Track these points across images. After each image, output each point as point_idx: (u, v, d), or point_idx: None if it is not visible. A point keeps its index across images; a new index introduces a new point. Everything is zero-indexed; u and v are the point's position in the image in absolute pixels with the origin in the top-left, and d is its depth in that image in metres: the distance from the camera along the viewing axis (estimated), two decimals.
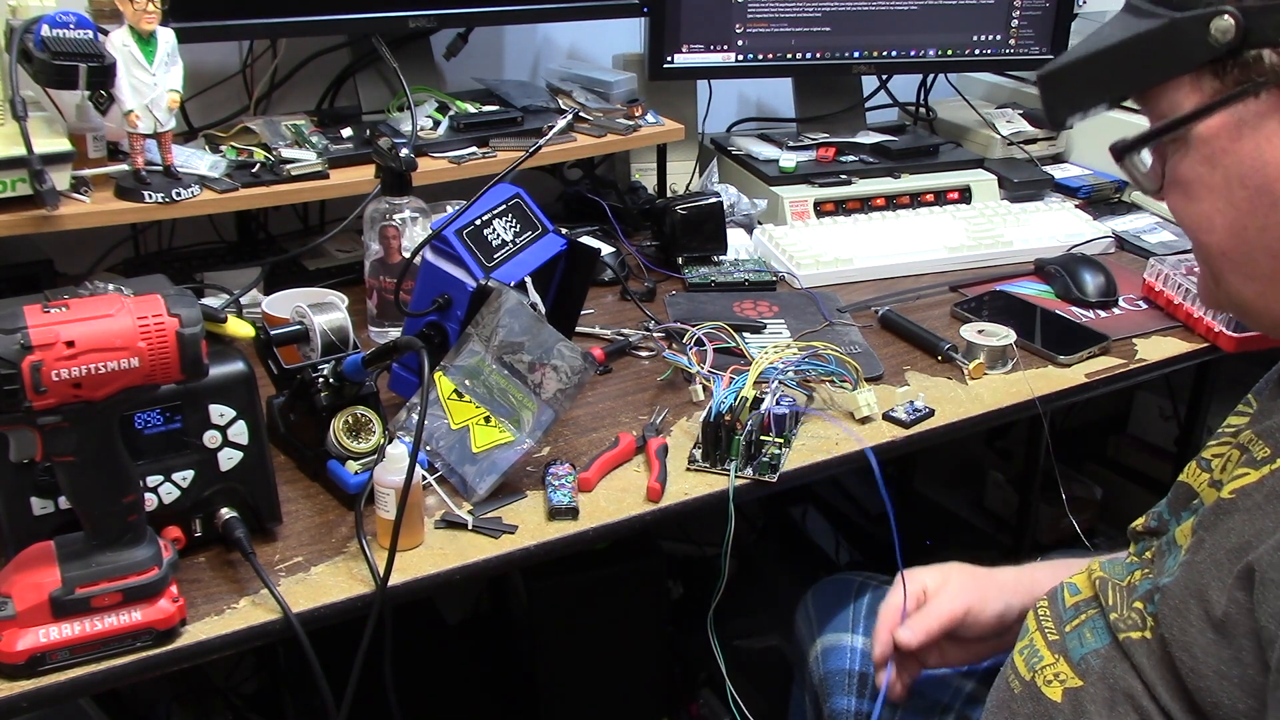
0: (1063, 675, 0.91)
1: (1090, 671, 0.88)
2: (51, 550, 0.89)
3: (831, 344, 1.27)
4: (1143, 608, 0.87)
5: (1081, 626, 0.92)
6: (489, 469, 1.09)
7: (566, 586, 1.57)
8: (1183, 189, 0.80)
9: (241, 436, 0.99)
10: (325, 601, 0.96)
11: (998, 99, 2.13)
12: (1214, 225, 0.79)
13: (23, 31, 1.20)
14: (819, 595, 1.32)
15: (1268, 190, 0.75)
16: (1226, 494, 0.81)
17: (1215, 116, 0.75)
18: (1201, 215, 0.79)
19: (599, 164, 1.84)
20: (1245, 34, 0.72)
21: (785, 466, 1.15)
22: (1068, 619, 0.94)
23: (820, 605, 1.30)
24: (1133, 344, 1.43)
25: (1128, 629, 0.87)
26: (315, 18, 1.50)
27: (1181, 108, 0.77)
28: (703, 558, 2.08)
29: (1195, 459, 0.91)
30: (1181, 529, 0.86)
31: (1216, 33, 0.72)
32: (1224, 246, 0.79)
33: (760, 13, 1.79)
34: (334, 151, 1.48)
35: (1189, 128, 0.77)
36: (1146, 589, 0.88)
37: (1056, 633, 0.94)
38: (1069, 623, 0.94)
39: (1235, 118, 0.75)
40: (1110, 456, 2.23)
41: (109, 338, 0.81)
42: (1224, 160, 0.76)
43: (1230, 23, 0.72)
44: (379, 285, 1.35)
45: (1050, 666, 0.92)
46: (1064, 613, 0.95)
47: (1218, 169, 0.77)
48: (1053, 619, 0.96)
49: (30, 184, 1.21)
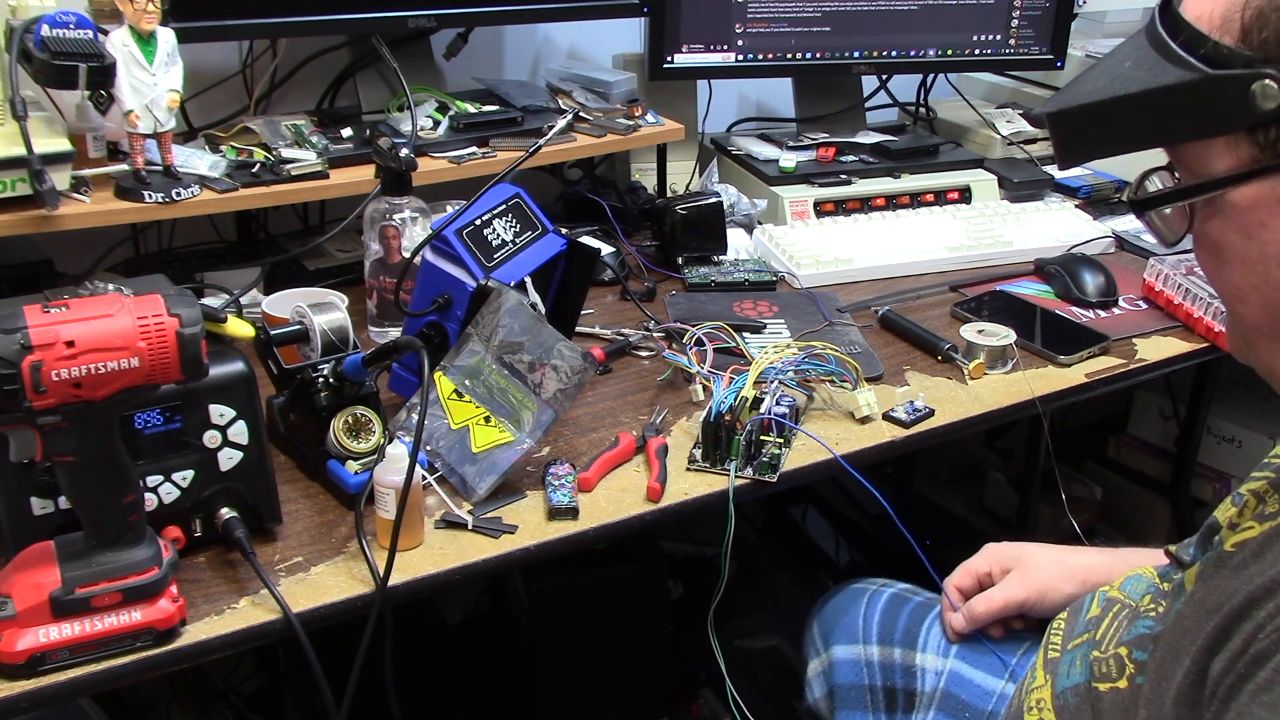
0: (1043, 703, 0.90)
1: (1065, 710, 0.87)
2: (51, 550, 0.89)
3: (831, 344, 1.28)
4: (1125, 655, 0.84)
5: (1076, 651, 0.91)
6: (489, 469, 1.09)
7: (566, 586, 1.57)
8: (1213, 252, 0.73)
9: (241, 436, 0.99)
10: (325, 601, 0.96)
11: (998, 99, 2.13)
12: (1248, 298, 0.72)
13: (23, 31, 1.19)
14: (826, 606, 1.28)
15: None
16: (1229, 546, 0.76)
17: (1252, 185, 0.67)
18: (1234, 285, 0.72)
19: (599, 164, 1.84)
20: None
21: (785, 466, 1.15)
22: (1077, 633, 0.93)
23: (827, 616, 1.26)
24: (1133, 344, 1.43)
25: (1101, 677, 0.85)
26: (315, 18, 1.50)
27: (1213, 169, 0.69)
28: (703, 558, 2.09)
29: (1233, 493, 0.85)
30: (1189, 573, 0.82)
31: (1261, 98, 0.64)
32: (1258, 321, 0.72)
33: (760, 13, 1.79)
34: (334, 151, 1.48)
35: (1222, 192, 0.69)
36: (1141, 633, 0.85)
37: (1059, 649, 0.93)
38: (1075, 638, 0.92)
39: (1275, 190, 0.67)
40: (1110, 456, 2.23)
41: (109, 338, 0.81)
42: (1261, 235, 0.68)
43: (1275, 88, 0.64)
44: (379, 285, 1.35)
45: (1037, 690, 0.91)
46: (1078, 625, 0.94)
47: (1253, 242, 0.69)
48: (1064, 632, 0.95)
49: (30, 184, 1.21)
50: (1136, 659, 0.83)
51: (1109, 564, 1.09)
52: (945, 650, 1.15)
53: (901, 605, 1.22)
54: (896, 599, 1.23)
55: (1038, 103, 2.05)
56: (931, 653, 1.15)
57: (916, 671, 1.15)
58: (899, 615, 1.20)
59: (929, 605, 1.21)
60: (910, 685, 1.15)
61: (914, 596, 1.23)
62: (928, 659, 1.15)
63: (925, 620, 1.19)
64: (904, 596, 1.23)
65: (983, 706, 1.11)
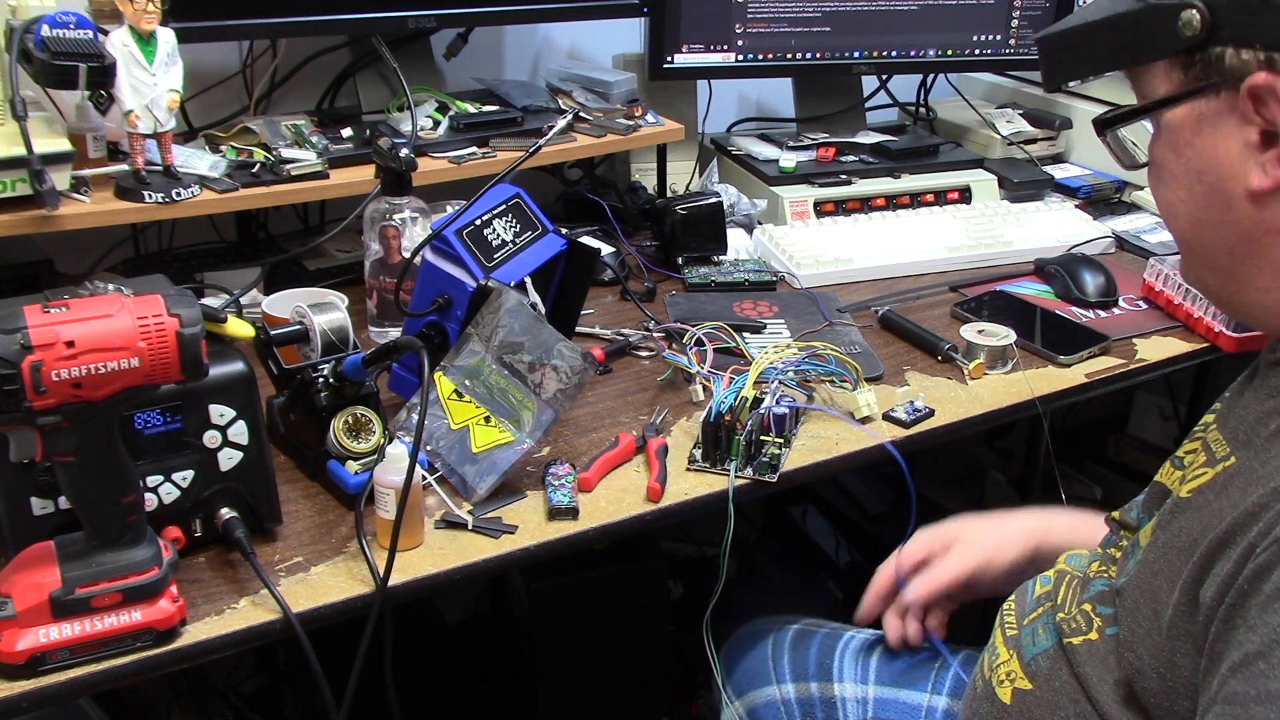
0: (1013, 674, 0.91)
1: (1039, 674, 0.88)
2: (51, 550, 0.89)
3: (831, 344, 1.28)
4: (1090, 610, 0.86)
5: (1036, 622, 0.92)
6: (489, 469, 1.09)
7: (566, 586, 1.57)
8: (1155, 171, 0.81)
9: (241, 436, 0.99)
10: (325, 601, 0.96)
11: (998, 99, 2.13)
12: (1177, 213, 0.80)
13: (23, 31, 1.19)
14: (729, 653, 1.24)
15: (1220, 189, 0.75)
16: (1184, 493, 0.81)
17: (1180, 107, 0.76)
18: (1166, 201, 0.80)
19: (599, 164, 1.84)
20: (1211, 30, 0.72)
21: (785, 466, 1.15)
22: (1029, 610, 0.94)
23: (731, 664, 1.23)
24: (1133, 344, 1.43)
25: (1071, 633, 0.86)
26: (315, 18, 1.50)
27: (1156, 92, 0.78)
28: (703, 558, 2.09)
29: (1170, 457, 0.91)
30: (1144, 530, 0.86)
31: (1183, 25, 0.73)
32: (1185, 235, 0.80)
33: (760, 13, 1.79)
34: (334, 151, 1.48)
35: (1159, 113, 0.77)
36: (1100, 590, 0.88)
37: (1015, 627, 0.94)
38: (1029, 614, 0.94)
39: (1196, 112, 0.75)
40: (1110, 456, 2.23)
41: (109, 338, 0.81)
42: (1186, 152, 0.76)
43: (1196, 16, 0.72)
44: (379, 285, 1.35)
45: (1004, 665, 0.92)
46: (1028, 604, 0.95)
47: (1180, 159, 0.77)
48: (1015, 612, 0.96)
49: (30, 184, 1.21)
50: (1102, 613, 0.85)
51: (1045, 521, 1.11)
52: (864, 677, 1.14)
53: (809, 639, 1.20)
54: (802, 634, 1.21)
55: (1038, 103, 2.05)
56: (850, 681, 1.15)
57: (837, 703, 1.14)
58: (808, 650, 1.19)
59: (836, 635, 1.20)
60: (831, 717, 1.14)
61: (819, 629, 1.22)
62: (846, 688, 1.14)
63: (836, 650, 1.18)
64: (809, 630, 1.22)
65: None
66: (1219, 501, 0.76)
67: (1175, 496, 0.82)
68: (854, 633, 1.21)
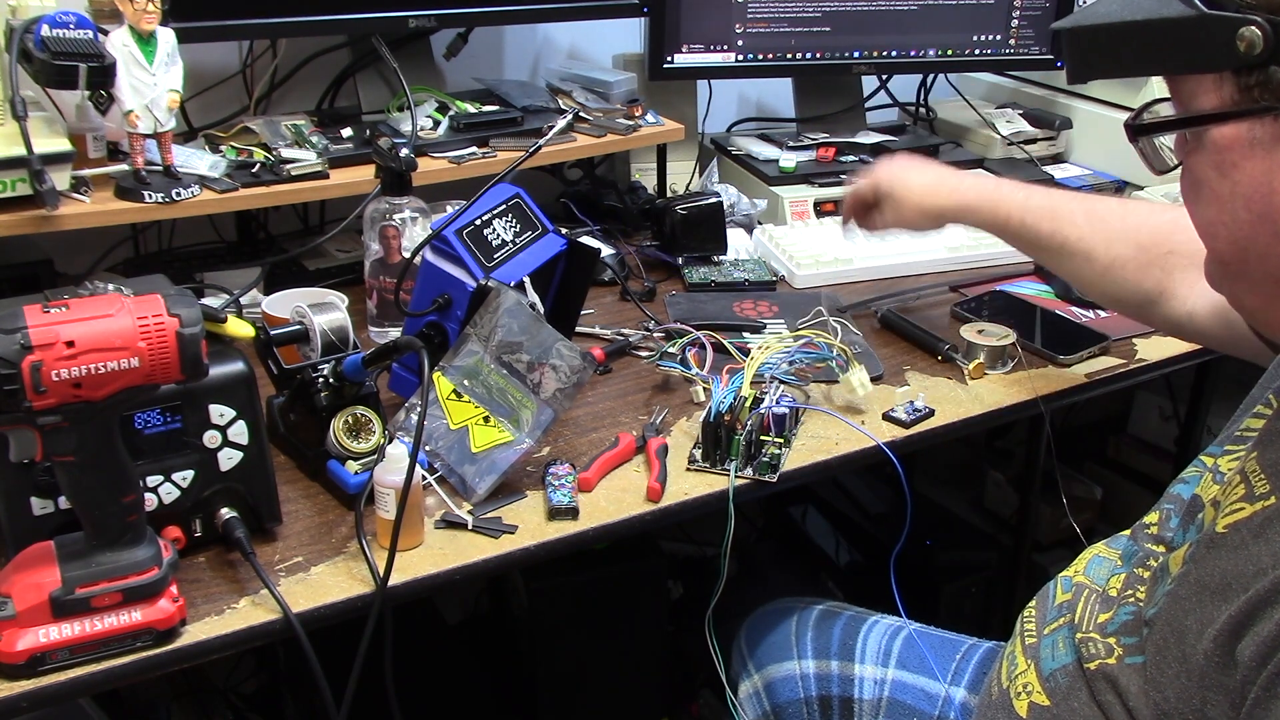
0: (1031, 687, 0.90)
1: (1057, 691, 0.87)
2: (51, 550, 0.89)
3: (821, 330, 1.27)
4: (1114, 642, 0.84)
5: (1056, 634, 0.91)
6: (488, 469, 1.09)
7: (566, 586, 1.57)
8: (1193, 186, 0.76)
9: (241, 436, 0.99)
10: (325, 601, 0.96)
11: (998, 99, 2.13)
12: (1217, 234, 0.75)
13: (23, 31, 1.19)
14: (752, 628, 1.26)
15: (1270, 219, 0.70)
16: (1220, 528, 0.77)
17: (1230, 126, 0.70)
18: (1207, 220, 0.75)
19: (599, 164, 1.84)
20: (1274, 50, 0.66)
21: (785, 466, 1.15)
22: (1050, 619, 0.93)
23: (754, 638, 1.25)
24: (1133, 344, 1.43)
25: (1090, 657, 0.85)
26: (315, 18, 1.50)
27: (1200, 105, 0.71)
28: (703, 558, 2.08)
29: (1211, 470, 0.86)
30: (1175, 555, 0.83)
31: (1242, 42, 0.66)
32: (1226, 257, 0.76)
33: (760, 13, 1.79)
34: (334, 151, 1.48)
35: (1204, 128, 0.72)
36: (1126, 619, 0.85)
37: (1035, 635, 0.93)
38: (1050, 624, 0.93)
39: (1249, 134, 0.69)
40: (1110, 456, 2.23)
41: (109, 338, 0.81)
42: (1232, 174, 0.71)
43: (1258, 35, 0.66)
44: (379, 285, 1.35)
45: (1021, 676, 0.91)
46: (1049, 612, 0.94)
47: (1226, 180, 0.72)
48: (1036, 619, 0.95)
49: (30, 184, 1.21)
50: (1125, 643, 0.83)
51: (973, 196, 1.27)
52: (885, 660, 1.15)
53: (833, 620, 1.21)
54: (826, 614, 1.22)
55: (1038, 103, 2.05)
56: (870, 663, 1.16)
57: (855, 681, 1.15)
58: (832, 629, 1.20)
59: (861, 618, 1.21)
60: (847, 693, 1.14)
61: (844, 611, 1.23)
62: (866, 669, 1.15)
63: (860, 632, 1.19)
64: (834, 611, 1.23)
65: (929, 710, 1.12)
66: (1256, 546, 0.73)
67: (1211, 529, 0.79)
68: (878, 617, 1.22)
